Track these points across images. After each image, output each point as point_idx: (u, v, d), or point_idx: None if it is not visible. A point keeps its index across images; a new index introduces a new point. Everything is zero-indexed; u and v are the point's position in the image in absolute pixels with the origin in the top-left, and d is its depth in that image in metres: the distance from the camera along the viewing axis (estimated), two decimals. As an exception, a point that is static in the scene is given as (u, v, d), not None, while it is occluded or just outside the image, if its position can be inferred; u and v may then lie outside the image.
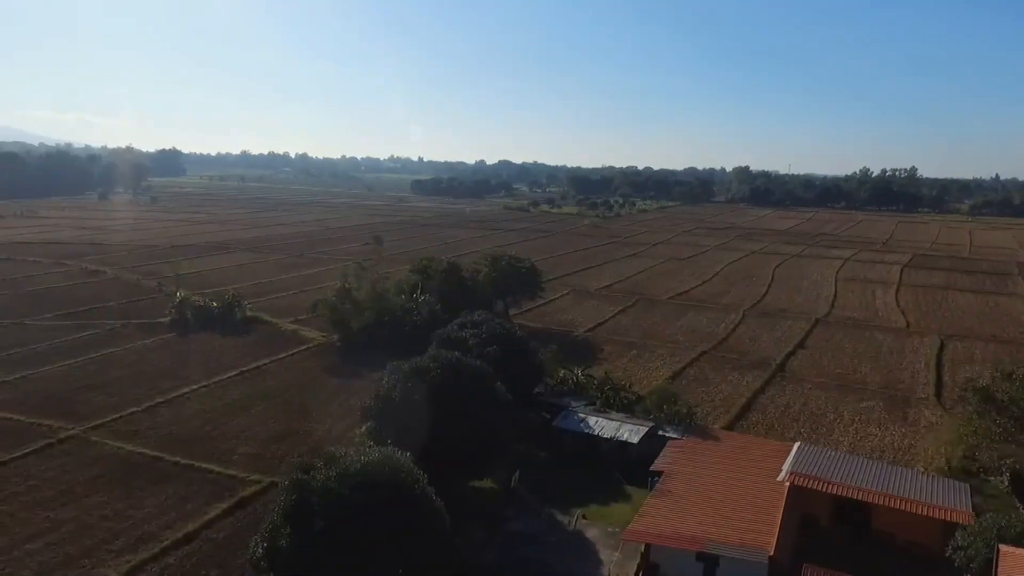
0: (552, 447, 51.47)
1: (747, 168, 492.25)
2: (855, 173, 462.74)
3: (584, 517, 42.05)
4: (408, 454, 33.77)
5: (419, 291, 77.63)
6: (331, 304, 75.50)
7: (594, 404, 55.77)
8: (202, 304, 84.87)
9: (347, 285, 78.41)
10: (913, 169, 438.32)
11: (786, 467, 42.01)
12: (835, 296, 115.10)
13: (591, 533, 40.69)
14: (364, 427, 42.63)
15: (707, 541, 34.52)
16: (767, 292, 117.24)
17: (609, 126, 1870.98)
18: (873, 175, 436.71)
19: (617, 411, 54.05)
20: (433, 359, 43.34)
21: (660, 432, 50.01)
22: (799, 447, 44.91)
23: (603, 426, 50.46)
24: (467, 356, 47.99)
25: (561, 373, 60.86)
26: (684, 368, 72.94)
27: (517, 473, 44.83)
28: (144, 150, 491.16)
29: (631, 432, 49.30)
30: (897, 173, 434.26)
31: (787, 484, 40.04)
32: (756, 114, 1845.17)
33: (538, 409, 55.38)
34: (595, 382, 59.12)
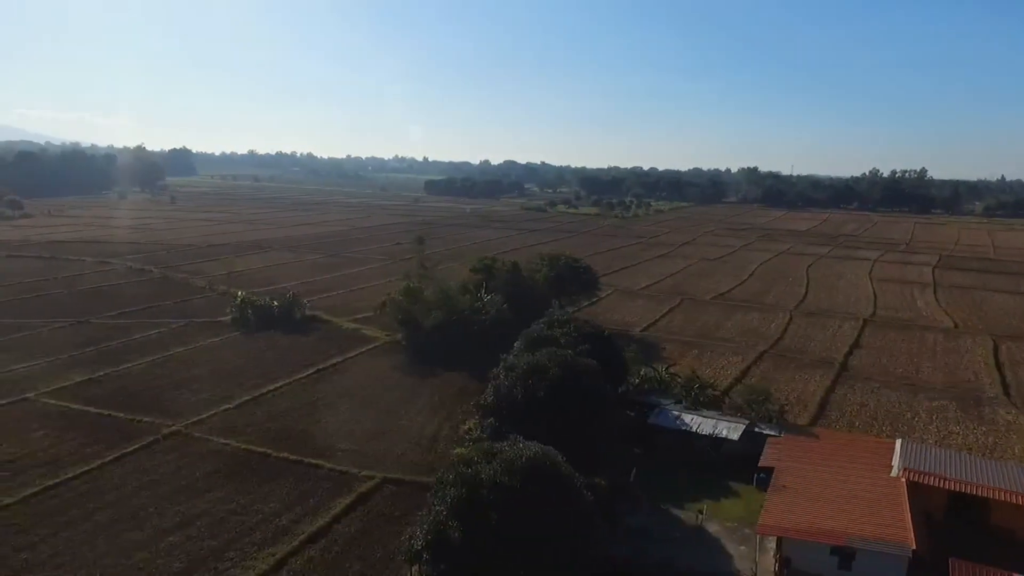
0: (646, 444, 52.21)
1: (755, 169, 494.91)
2: (864, 174, 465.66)
3: (701, 512, 42.88)
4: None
5: (483, 291, 78.41)
6: (398, 303, 76.22)
7: (680, 402, 56.57)
8: (262, 303, 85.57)
9: (411, 285, 79.05)
10: (923, 170, 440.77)
11: (897, 463, 42.84)
12: (875, 296, 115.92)
13: (711, 528, 41.54)
14: (485, 423, 43.37)
15: (845, 535, 35.32)
16: (807, 293, 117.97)
17: (610, 127, 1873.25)
18: (882, 176, 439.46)
19: (706, 409, 54.88)
20: (549, 357, 44.12)
21: (756, 429, 50.83)
22: (902, 443, 45.68)
23: (699, 423, 51.26)
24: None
25: (642, 371, 61.64)
26: (749, 367, 73.79)
27: (635, 470, 45.61)
28: (152, 150, 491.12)
29: (730, 429, 50.13)
30: (907, 174, 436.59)
31: (903, 480, 40.86)
32: (757, 115, 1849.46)
33: (625, 407, 56.11)
34: (678, 380, 59.91)
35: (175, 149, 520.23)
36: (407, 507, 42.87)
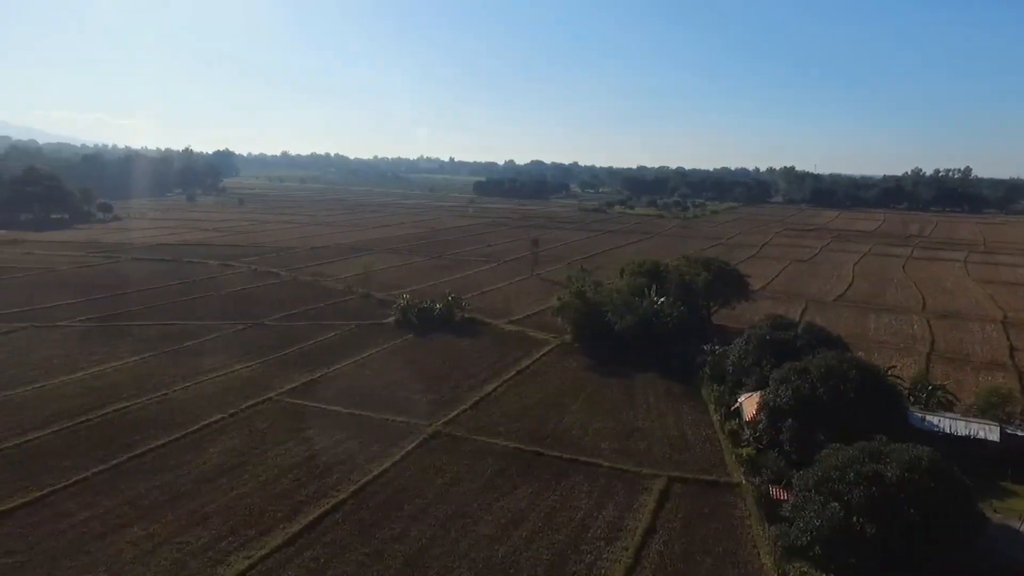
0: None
1: (793, 168, 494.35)
2: (906, 173, 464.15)
3: (996, 511, 44.19)
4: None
5: (654, 293, 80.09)
6: (575, 306, 78.09)
7: (911, 403, 57.81)
8: (426, 306, 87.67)
9: (580, 288, 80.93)
10: (968, 169, 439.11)
11: None
12: (992, 298, 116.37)
13: (1015, 525, 42.78)
14: (783, 424, 44.88)
15: None
16: (924, 295, 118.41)
17: (631, 126, 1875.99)
18: (925, 175, 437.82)
19: (944, 410, 56.21)
20: (839, 360, 45.62)
21: (1008, 431, 52.07)
22: None
23: (951, 425, 52.52)
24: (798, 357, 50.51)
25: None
26: (927, 369, 74.79)
27: None
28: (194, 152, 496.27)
29: (987, 431, 51.38)
30: (951, 173, 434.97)
31: None
32: (780, 114, 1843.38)
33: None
34: (900, 380, 61.25)
35: (219, 151, 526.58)
36: (710, 504, 44.51)
